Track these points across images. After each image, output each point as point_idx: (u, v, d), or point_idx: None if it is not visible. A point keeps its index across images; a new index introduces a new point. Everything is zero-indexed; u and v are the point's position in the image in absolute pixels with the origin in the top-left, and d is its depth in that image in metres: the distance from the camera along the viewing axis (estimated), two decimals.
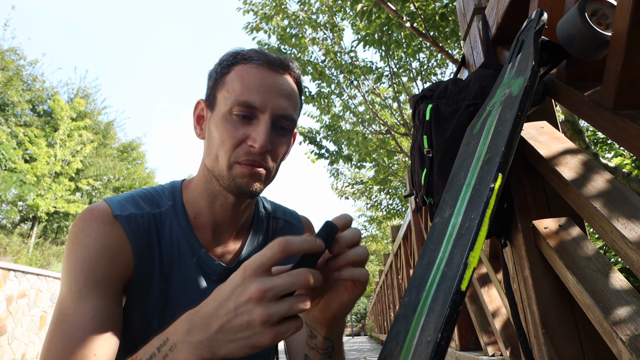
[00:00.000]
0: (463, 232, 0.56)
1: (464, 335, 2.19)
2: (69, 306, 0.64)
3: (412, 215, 3.57)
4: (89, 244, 0.68)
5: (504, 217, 1.09)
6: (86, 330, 0.62)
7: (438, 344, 0.43)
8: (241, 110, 0.70)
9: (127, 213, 0.72)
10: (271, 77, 0.72)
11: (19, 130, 12.91)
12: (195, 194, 0.79)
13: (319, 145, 8.61)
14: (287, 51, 7.11)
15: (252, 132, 0.70)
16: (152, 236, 0.74)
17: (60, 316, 0.64)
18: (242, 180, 0.71)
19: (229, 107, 0.70)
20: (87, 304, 0.64)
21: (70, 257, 0.67)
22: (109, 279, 0.67)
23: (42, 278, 6.85)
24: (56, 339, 0.62)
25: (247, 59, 0.73)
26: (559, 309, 0.94)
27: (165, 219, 0.77)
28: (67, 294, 0.65)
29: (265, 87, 0.71)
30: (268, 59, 0.73)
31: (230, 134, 0.70)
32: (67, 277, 0.67)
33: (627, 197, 0.76)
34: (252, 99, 0.69)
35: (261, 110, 0.70)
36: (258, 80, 0.71)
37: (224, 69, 0.74)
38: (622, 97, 0.79)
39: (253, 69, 0.72)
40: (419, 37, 4.79)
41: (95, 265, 0.67)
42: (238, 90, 0.70)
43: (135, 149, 18.55)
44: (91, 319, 0.63)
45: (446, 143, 1.06)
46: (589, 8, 0.83)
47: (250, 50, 0.76)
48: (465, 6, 1.46)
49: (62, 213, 14.16)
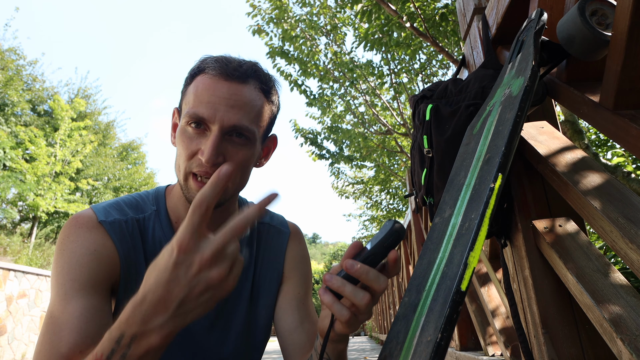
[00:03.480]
0: (463, 232, 0.56)
1: (464, 335, 2.19)
2: (57, 309, 0.66)
3: (412, 215, 3.57)
4: (75, 249, 0.70)
5: (504, 217, 1.09)
6: (72, 329, 0.63)
7: (438, 344, 0.43)
8: (192, 122, 0.71)
9: (111, 219, 0.75)
10: (224, 88, 0.71)
11: (19, 130, 12.90)
12: (175, 200, 0.82)
13: (319, 146, 8.62)
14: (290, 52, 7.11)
15: (202, 145, 0.70)
16: (136, 240, 0.76)
17: (49, 319, 0.66)
18: (194, 194, 0.72)
19: (185, 119, 0.72)
20: (73, 305, 0.66)
21: (58, 262, 0.70)
22: (95, 280, 0.69)
23: (42, 278, 6.85)
24: (45, 341, 0.64)
25: (204, 70, 0.73)
26: (559, 309, 0.94)
27: (148, 223, 0.79)
28: (55, 298, 0.67)
29: (216, 99, 0.70)
30: (225, 68, 0.72)
31: (185, 145, 0.71)
32: (55, 282, 0.69)
33: (627, 197, 0.76)
34: (201, 112, 0.70)
35: (210, 122, 0.70)
36: (209, 92, 0.71)
37: (188, 80, 0.76)
38: (622, 97, 0.79)
39: (208, 79, 0.72)
40: (419, 37, 4.79)
41: (81, 268, 0.68)
42: (191, 103, 0.71)
43: (136, 149, 18.54)
44: (77, 319, 0.65)
45: (446, 143, 1.06)
46: (589, 8, 0.83)
47: (212, 59, 0.75)
48: (465, 6, 1.46)
49: (62, 213, 14.16)
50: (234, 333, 0.83)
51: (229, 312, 0.83)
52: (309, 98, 7.65)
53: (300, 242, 0.96)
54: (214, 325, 0.81)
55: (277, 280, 0.90)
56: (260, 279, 0.88)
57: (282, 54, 7.02)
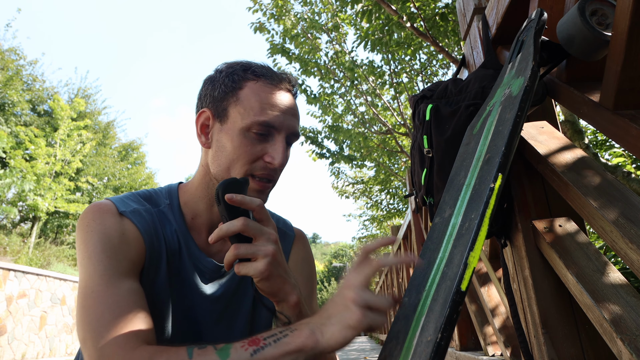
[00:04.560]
0: (463, 232, 0.56)
1: (464, 335, 2.19)
2: (99, 285, 0.64)
3: (412, 215, 3.56)
4: (105, 230, 0.70)
5: (504, 217, 1.09)
6: (122, 308, 0.63)
7: (438, 344, 0.43)
8: (261, 129, 0.74)
9: (131, 208, 0.76)
10: (285, 98, 0.78)
11: (19, 130, 12.90)
12: (194, 197, 0.83)
13: (320, 145, 8.62)
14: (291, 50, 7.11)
15: (269, 149, 0.75)
16: (157, 229, 0.77)
17: (93, 294, 0.64)
18: (253, 195, 0.76)
19: (247, 124, 0.74)
20: (117, 284, 0.65)
21: (88, 243, 0.68)
22: (129, 262, 0.70)
23: (42, 278, 6.85)
24: (96, 315, 0.61)
25: (259, 76, 0.77)
26: (559, 309, 0.94)
27: (165, 215, 0.80)
28: (93, 275, 0.65)
29: (282, 108, 0.76)
30: (280, 78, 0.79)
31: (248, 149, 0.75)
32: (89, 261, 0.67)
33: (627, 197, 0.76)
34: (272, 121, 0.75)
35: (278, 130, 0.76)
36: (276, 101, 0.76)
37: (235, 83, 0.77)
38: (622, 97, 0.79)
39: (268, 87, 0.77)
40: (419, 37, 4.79)
41: (115, 249, 0.69)
42: (257, 110, 0.75)
43: (136, 149, 18.54)
44: (125, 298, 0.64)
45: (446, 143, 1.06)
46: (589, 8, 0.83)
47: (259, 66, 0.80)
48: (465, 6, 1.46)
49: (62, 213, 14.15)
50: (237, 331, 0.85)
51: (233, 310, 0.85)
52: (309, 97, 7.65)
53: (305, 245, 0.98)
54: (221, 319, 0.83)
55: None
56: None
57: (283, 52, 7.02)
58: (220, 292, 0.82)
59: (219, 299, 0.82)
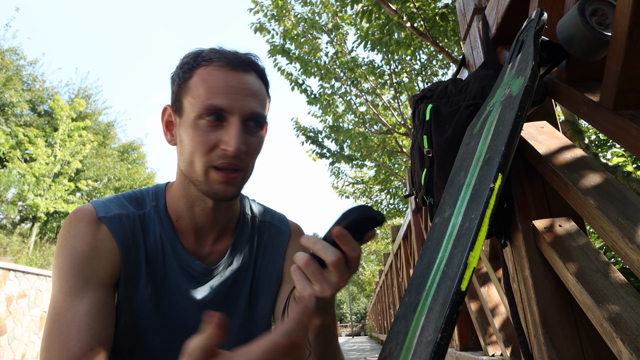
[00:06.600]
0: (463, 232, 0.56)
1: (464, 335, 2.19)
2: (62, 305, 0.66)
3: (412, 215, 3.57)
4: (76, 244, 0.70)
5: (504, 217, 1.09)
6: (80, 327, 0.64)
7: (438, 344, 0.43)
8: (210, 115, 0.69)
9: (111, 214, 0.74)
10: (235, 78, 0.71)
11: (19, 130, 12.90)
12: (175, 198, 0.80)
13: (320, 145, 8.63)
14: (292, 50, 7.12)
15: (223, 136, 0.70)
16: (137, 235, 0.76)
17: (55, 316, 0.66)
18: (219, 187, 0.72)
19: (197, 112, 0.70)
20: (79, 302, 0.66)
21: (59, 258, 0.70)
22: (97, 276, 0.70)
23: (42, 278, 6.85)
24: (53, 339, 0.64)
25: (208, 61, 0.72)
26: (559, 309, 0.94)
27: (149, 219, 0.78)
28: (58, 294, 0.68)
29: (230, 89, 0.70)
30: (230, 59, 0.72)
31: (202, 139, 0.70)
32: (58, 278, 0.69)
33: (627, 197, 0.76)
34: (219, 103, 0.69)
35: (229, 112, 0.70)
36: (222, 82, 0.70)
37: (186, 73, 0.74)
38: (622, 97, 0.79)
39: (215, 71, 0.71)
40: (419, 36, 4.79)
41: (82, 264, 0.69)
42: (203, 95, 0.70)
43: (136, 149, 18.54)
44: (84, 316, 0.65)
45: (446, 143, 1.06)
46: (589, 8, 0.83)
47: (210, 50, 0.75)
48: (465, 6, 1.46)
49: (62, 213, 14.16)
50: (232, 332, 0.83)
51: (228, 312, 0.83)
52: (309, 97, 7.66)
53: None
54: None
55: (276, 280, 0.89)
56: (259, 279, 0.87)
57: (283, 52, 7.02)
58: (212, 296, 0.80)
59: (210, 303, 0.80)
